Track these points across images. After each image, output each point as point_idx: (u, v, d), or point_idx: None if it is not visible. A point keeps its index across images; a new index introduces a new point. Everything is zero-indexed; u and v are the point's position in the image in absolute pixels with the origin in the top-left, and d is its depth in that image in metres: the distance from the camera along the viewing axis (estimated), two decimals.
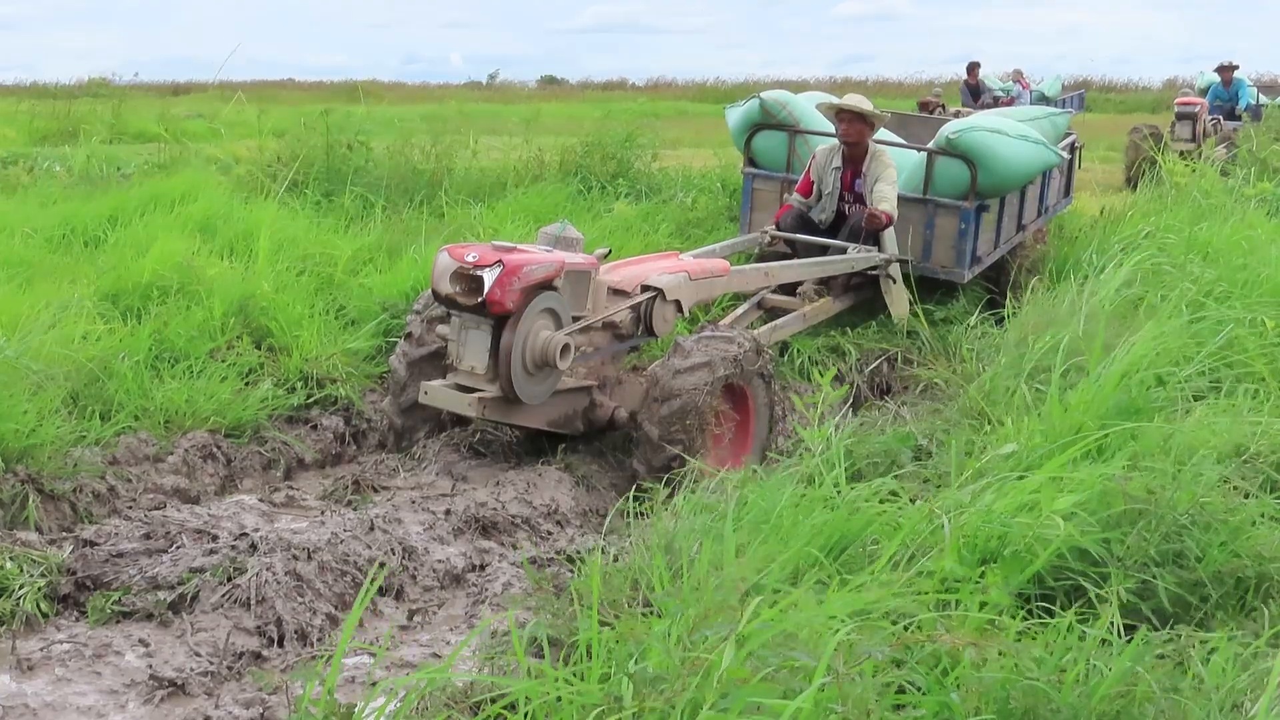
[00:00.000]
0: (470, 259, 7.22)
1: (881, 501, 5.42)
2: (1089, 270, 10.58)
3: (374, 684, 4.85)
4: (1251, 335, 7.96)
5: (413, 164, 15.01)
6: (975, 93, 32.02)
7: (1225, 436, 6.18)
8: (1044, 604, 4.64)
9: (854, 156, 10.50)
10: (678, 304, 8.31)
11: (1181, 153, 19.90)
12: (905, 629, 4.10)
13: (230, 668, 5.20)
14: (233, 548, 5.90)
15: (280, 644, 5.41)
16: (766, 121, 11.65)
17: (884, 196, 10.23)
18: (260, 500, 6.92)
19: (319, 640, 5.50)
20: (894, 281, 10.43)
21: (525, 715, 3.81)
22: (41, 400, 7.19)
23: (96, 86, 35.45)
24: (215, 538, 6.07)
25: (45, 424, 7.00)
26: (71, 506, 6.73)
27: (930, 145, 10.99)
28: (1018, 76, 34.24)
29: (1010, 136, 10.93)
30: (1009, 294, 10.65)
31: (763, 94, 11.86)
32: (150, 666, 5.14)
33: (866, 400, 9.34)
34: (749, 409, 7.90)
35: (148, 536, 6.11)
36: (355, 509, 6.83)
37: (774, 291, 10.06)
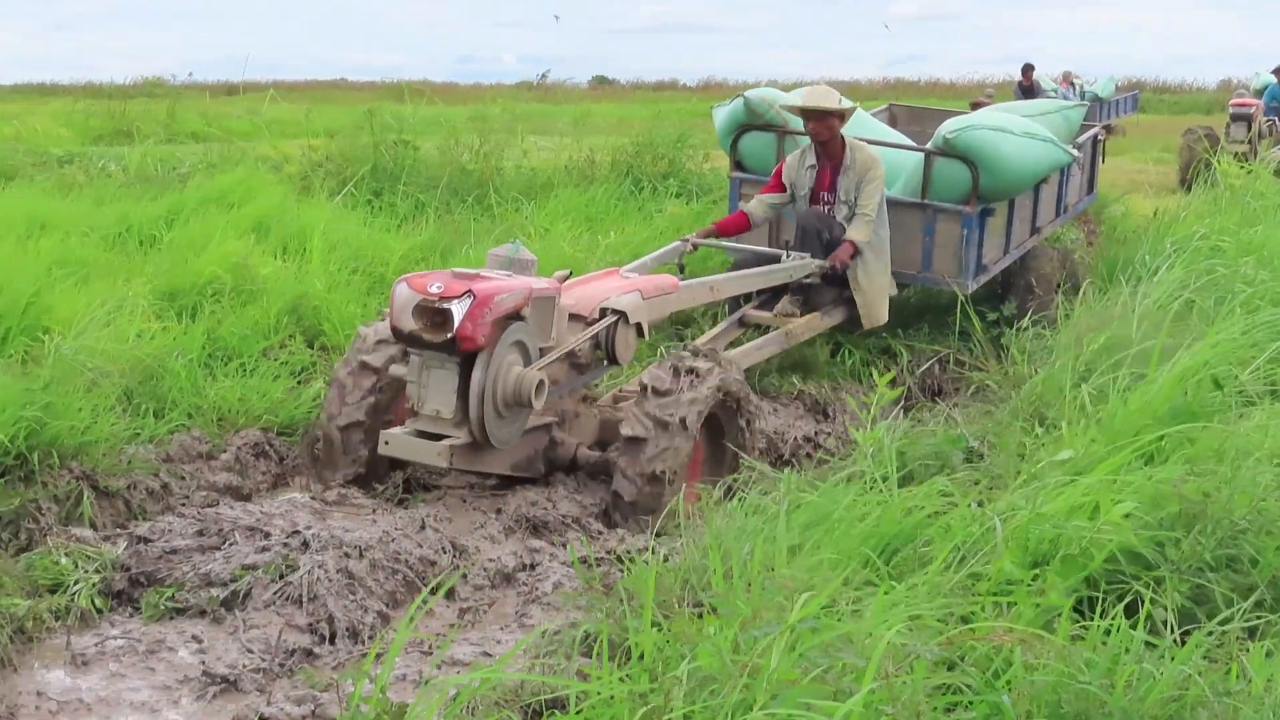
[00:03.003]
0: (435, 289, 6.59)
1: (933, 513, 5.40)
2: (1142, 272, 10.50)
3: (426, 682, 4.87)
4: None
5: (462, 164, 15.05)
6: (1029, 94, 31.86)
7: None
8: (1098, 607, 4.61)
9: (830, 153, 9.65)
10: (639, 327, 7.68)
11: (1236, 154, 19.77)
12: (957, 630, 4.08)
13: (282, 665, 5.23)
14: (285, 545, 5.91)
15: (332, 641, 5.43)
16: (753, 122, 10.77)
17: (862, 210, 9.48)
18: (312, 498, 6.93)
19: (370, 638, 5.51)
20: (865, 285, 9.58)
21: (576, 714, 3.81)
22: (96, 397, 7.25)
23: (151, 86, 35.75)
24: (268, 535, 6.09)
25: (100, 421, 7.05)
26: (125, 503, 6.79)
27: (928, 146, 10.31)
28: (1066, 78, 34.08)
29: (1015, 134, 10.19)
30: (1023, 304, 10.43)
31: (748, 93, 11.02)
32: (203, 663, 5.17)
33: (918, 402, 9.29)
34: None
35: (201, 534, 6.14)
36: (406, 507, 6.85)
37: (757, 307, 9.64)
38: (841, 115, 9.55)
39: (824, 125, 9.50)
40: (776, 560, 4.91)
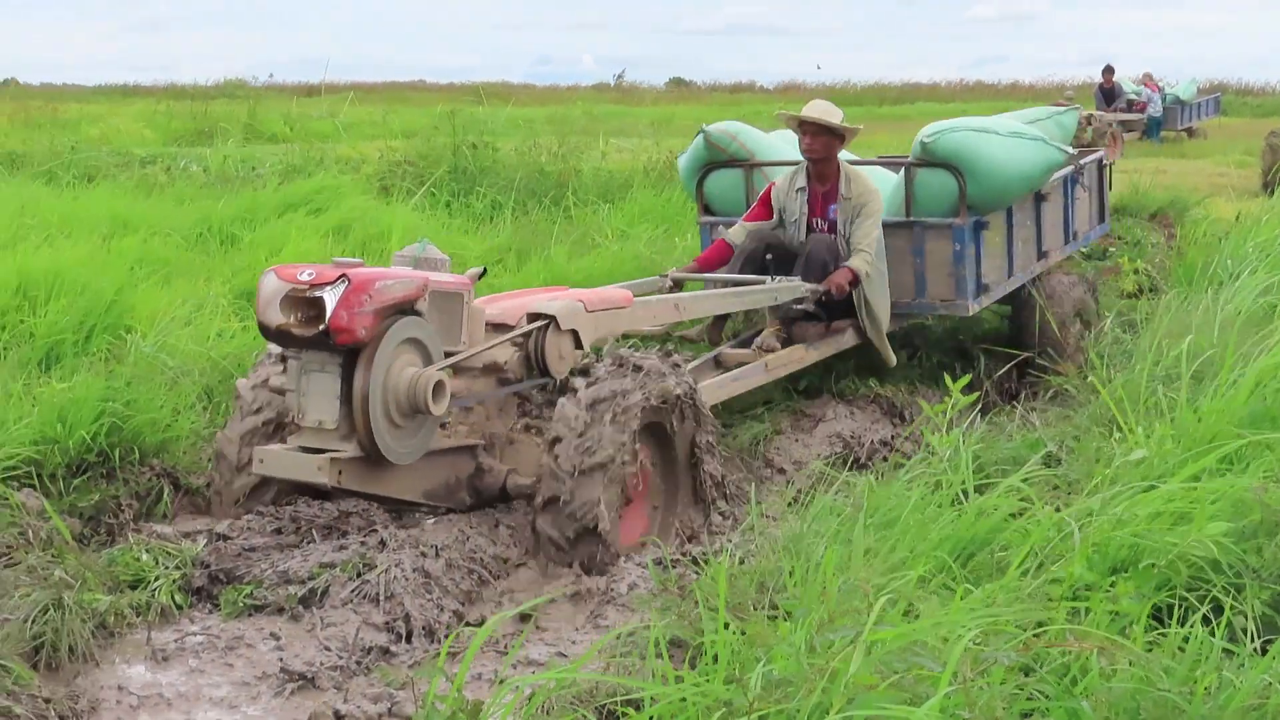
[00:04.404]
0: (305, 277, 5.87)
1: (1010, 517, 5.37)
2: (1223, 276, 10.38)
3: (501, 682, 4.89)
4: None
5: (540, 165, 15.13)
6: (1110, 96, 31.73)
7: None
8: (1176, 614, 4.57)
9: (822, 174, 8.85)
10: (574, 335, 6.79)
11: None
12: (1034, 636, 4.06)
13: (359, 663, 5.25)
14: (362, 544, 5.95)
15: (408, 640, 5.45)
16: (716, 159, 9.70)
17: (859, 246, 8.67)
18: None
19: (446, 637, 5.54)
20: (870, 328, 8.93)
21: (650, 716, 3.82)
22: (177, 395, 7.34)
23: (233, 88, 36.14)
24: (345, 534, 6.12)
25: (181, 418, 7.14)
26: (205, 500, 6.85)
27: (908, 158, 9.42)
28: (1147, 80, 33.85)
29: (1000, 134, 9.29)
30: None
31: (707, 127, 9.85)
32: (281, 660, 5.21)
33: (995, 406, 9.21)
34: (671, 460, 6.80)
35: (279, 532, 6.18)
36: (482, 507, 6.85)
37: (734, 347, 8.70)
38: (842, 136, 8.80)
39: (819, 142, 8.71)
40: (852, 563, 4.90)
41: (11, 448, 6.62)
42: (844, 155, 9.47)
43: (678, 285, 8.63)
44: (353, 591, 5.63)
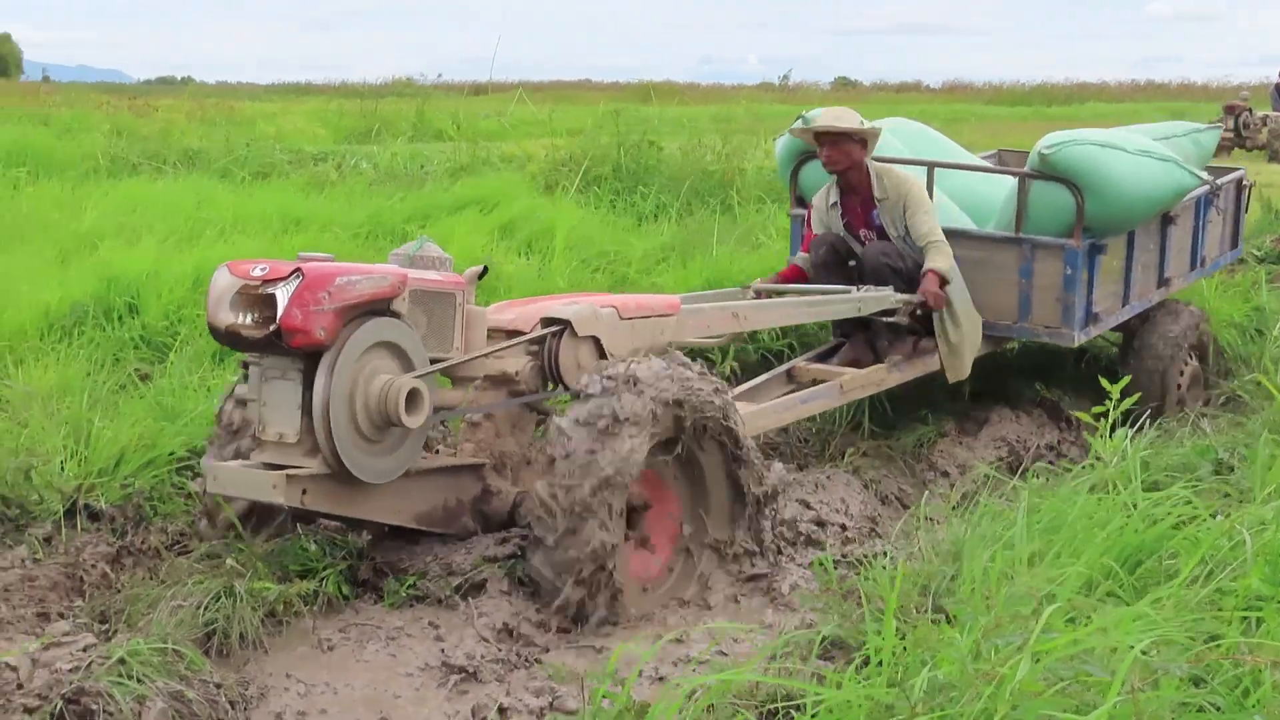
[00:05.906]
0: (258, 273, 5.26)
1: (1179, 521, 5.29)
2: None
3: (661, 679, 4.92)
4: None
5: (704, 164, 15.14)
6: None
7: None
8: None
9: (853, 184, 8.12)
10: (595, 343, 6.17)
11: None
12: (1205, 647, 3.99)
13: (519, 655, 5.30)
14: (523, 539, 5.94)
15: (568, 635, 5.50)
16: (811, 149, 8.53)
17: (928, 239, 7.96)
18: None
19: (605, 634, 5.57)
20: (953, 332, 8.17)
21: (813, 717, 3.81)
22: None
23: (401, 86, 36.59)
24: (508, 528, 6.17)
25: None
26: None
27: (1024, 168, 8.60)
28: None
29: (1128, 152, 8.38)
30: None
31: (805, 114, 8.63)
32: (443, 651, 5.28)
33: (1167, 412, 9.02)
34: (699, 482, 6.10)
35: None
36: None
37: (816, 358, 8.21)
38: (863, 140, 7.99)
39: (840, 151, 7.96)
40: (1016, 568, 4.86)
41: (186, 437, 6.78)
42: (950, 147, 9.59)
43: (761, 294, 7.98)
44: (514, 585, 5.67)
